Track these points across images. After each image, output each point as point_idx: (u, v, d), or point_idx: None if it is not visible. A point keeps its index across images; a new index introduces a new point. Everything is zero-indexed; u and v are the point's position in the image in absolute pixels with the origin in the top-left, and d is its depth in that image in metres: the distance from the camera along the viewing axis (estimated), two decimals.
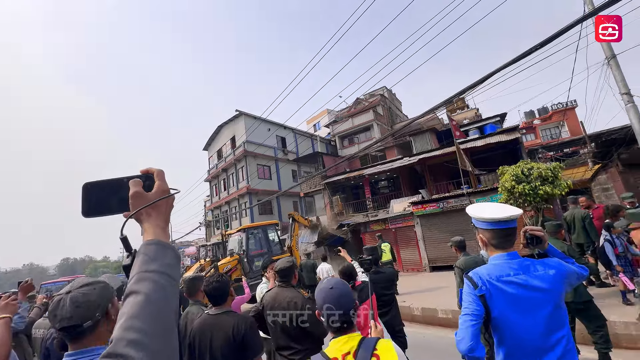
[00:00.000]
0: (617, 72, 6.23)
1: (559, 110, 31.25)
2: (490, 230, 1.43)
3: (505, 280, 1.34)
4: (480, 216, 1.44)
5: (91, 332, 1.01)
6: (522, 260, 1.40)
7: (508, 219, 1.38)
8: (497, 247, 1.43)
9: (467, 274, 1.45)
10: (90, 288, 1.06)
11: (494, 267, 1.40)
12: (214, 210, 27.81)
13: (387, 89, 28.72)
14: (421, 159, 13.97)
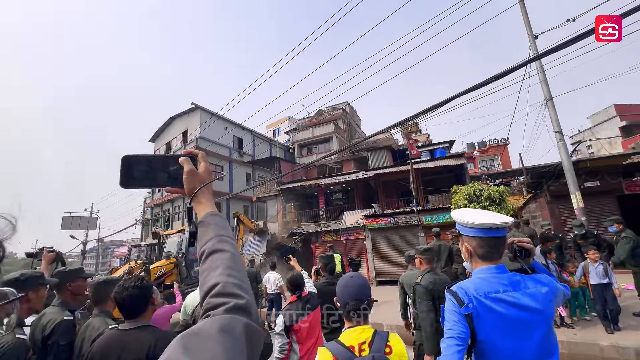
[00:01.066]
0: (552, 112, 7.00)
1: (495, 145, 35.32)
2: (479, 239, 1.24)
3: (494, 298, 1.15)
4: (468, 221, 1.24)
5: None
6: (511, 274, 1.22)
7: (500, 226, 1.21)
8: (484, 259, 1.25)
9: (450, 287, 1.24)
10: None
11: (481, 282, 1.20)
12: (154, 207, 25.33)
13: (349, 104, 29.53)
14: (376, 174, 14.33)
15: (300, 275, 2.73)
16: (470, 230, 1.26)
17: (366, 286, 1.51)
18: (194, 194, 0.70)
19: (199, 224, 0.67)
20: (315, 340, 2.49)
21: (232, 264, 0.58)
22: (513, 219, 1.28)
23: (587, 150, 29.75)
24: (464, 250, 1.31)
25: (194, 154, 0.76)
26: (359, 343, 1.35)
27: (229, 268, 0.57)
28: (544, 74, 7.09)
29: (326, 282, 2.96)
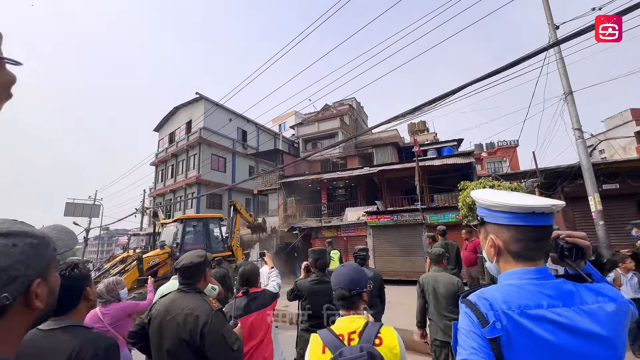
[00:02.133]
0: (572, 108, 6.51)
1: (504, 147, 34.57)
2: (514, 229, 0.85)
3: (535, 315, 0.75)
4: (500, 202, 0.85)
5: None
6: (559, 282, 0.81)
7: (547, 211, 0.82)
8: (520, 258, 0.86)
9: (466, 297, 0.86)
10: (6, 243, 0.57)
11: (514, 291, 0.81)
12: (156, 197, 25.26)
13: (356, 100, 29.02)
14: (380, 171, 13.93)
15: (254, 270, 2.44)
16: (502, 216, 0.86)
17: (358, 275, 1.47)
18: None
19: None
20: (258, 342, 2.21)
21: None
22: (563, 203, 0.87)
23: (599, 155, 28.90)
24: (488, 245, 0.92)
25: None
26: (348, 332, 1.33)
27: None
28: (564, 66, 6.60)
29: (315, 279, 2.61)
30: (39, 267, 0.62)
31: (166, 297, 1.85)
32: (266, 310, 2.34)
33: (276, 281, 2.74)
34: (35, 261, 0.62)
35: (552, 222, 0.85)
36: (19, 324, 0.60)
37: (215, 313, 1.70)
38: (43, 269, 0.64)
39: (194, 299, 1.76)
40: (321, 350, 1.30)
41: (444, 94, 6.20)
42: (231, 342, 1.69)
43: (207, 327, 1.63)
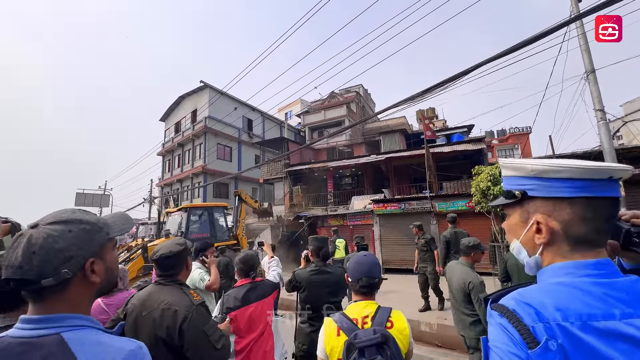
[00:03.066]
0: (594, 87, 6.07)
1: (516, 134, 33.53)
2: (582, 202, 0.60)
3: (606, 330, 0.51)
4: (565, 164, 0.60)
5: (57, 295, 0.68)
6: (633, 281, 0.57)
7: (625, 175, 0.59)
8: (581, 245, 0.61)
9: (498, 301, 0.60)
10: (63, 229, 0.69)
11: (571, 294, 0.56)
12: (164, 187, 25.46)
13: (363, 87, 28.35)
14: (388, 158, 13.61)
15: (255, 258, 2.25)
16: (565, 186, 0.60)
17: (378, 265, 1.56)
18: None
19: None
20: (257, 335, 2.07)
21: None
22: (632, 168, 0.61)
23: (617, 140, 27.77)
24: (531, 230, 0.65)
25: None
26: (362, 316, 1.39)
27: None
28: (586, 42, 6.12)
29: (314, 270, 2.41)
30: (92, 248, 0.73)
31: (143, 290, 1.67)
32: (266, 300, 2.19)
33: (276, 271, 2.58)
34: (87, 243, 0.72)
35: (620, 194, 0.63)
36: (82, 293, 0.73)
37: (196, 308, 1.52)
38: (97, 250, 0.74)
39: (172, 292, 1.58)
40: (336, 333, 1.37)
41: (456, 74, 5.84)
42: (214, 340, 1.51)
43: (186, 324, 1.45)
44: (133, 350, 0.69)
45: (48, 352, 0.62)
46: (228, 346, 1.67)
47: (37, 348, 0.62)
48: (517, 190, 0.66)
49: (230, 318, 2.05)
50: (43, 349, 0.62)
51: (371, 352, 1.22)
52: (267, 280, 2.30)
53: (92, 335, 0.68)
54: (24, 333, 0.64)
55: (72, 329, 0.67)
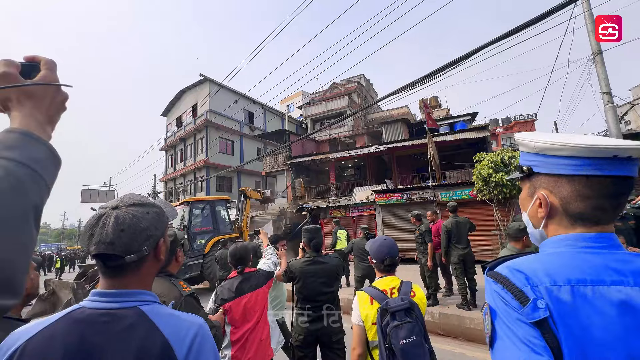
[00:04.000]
0: (601, 70, 5.88)
1: (522, 122, 32.99)
2: (582, 180, 0.60)
3: (592, 294, 0.53)
4: (566, 142, 0.59)
5: (133, 271, 0.73)
6: (633, 255, 0.57)
7: (635, 154, 0.56)
8: (580, 220, 0.62)
9: (495, 269, 0.62)
10: (142, 211, 0.75)
11: (564, 261, 0.58)
12: (167, 182, 25.61)
13: (365, 77, 27.96)
14: (390, 149, 13.49)
15: (245, 249, 2.22)
16: (566, 163, 0.60)
17: (396, 246, 1.84)
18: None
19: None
20: (253, 324, 2.06)
21: None
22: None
23: (624, 125, 27.17)
24: (535, 205, 0.67)
25: (37, 59, 0.55)
26: (390, 287, 1.67)
27: None
28: (592, 22, 5.90)
29: (308, 260, 2.38)
30: (162, 229, 0.80)
31: None
32: (260, 290, 2.17)
33: (271, 259, 2.55)
34: (160, 225, 0.79)
35: (636, 173, 0.59)
36: (151, 270, 0.79)
37: (185, 298, 1.50)
38: (164, 231, 0.81)
39: (161, 284, 1.56)
40: (369, 302, 1.63)
41: (459, 57, 5.70)
42: None
43: None
44: (202, 324, 0.73)
45: (132, 322, 0.66)
46: (220, 338, 1.65)
47: (120, 318, 0.66)
48: (526, 165, 0.68)
49: (225, 309, 2.04)
50: (126, 319, 0.66)
51: (401, 315, 1.50)
52: (261, 270, 2.28)
53: (164, 309, 0.73)
54: (103, 305, 0.67)
55: (147, 303, 0.71)
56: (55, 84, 0.55)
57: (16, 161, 0.45)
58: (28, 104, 0.51)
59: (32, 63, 0.55)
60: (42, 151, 0.50)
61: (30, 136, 0.49)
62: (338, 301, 2.44)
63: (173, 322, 0.69)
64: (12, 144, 0.46)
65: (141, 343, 0.63)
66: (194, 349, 0.67)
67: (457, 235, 5.18)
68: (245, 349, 2.05)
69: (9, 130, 0.48)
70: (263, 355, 2.10)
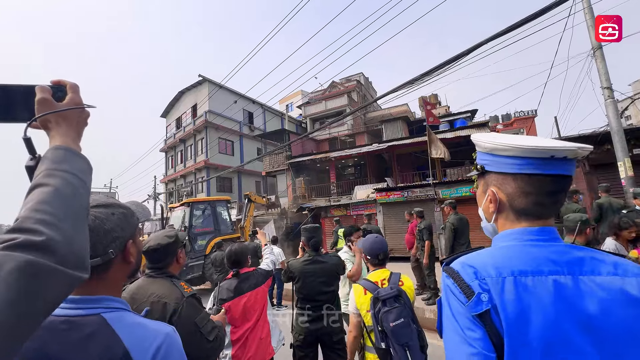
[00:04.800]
0: (601, 65, 5.85)
1: (521, 118, 32.91)
2: (523, 178, 0.67)
3: (532, 283, 0.59)
4: (510, 143, 0.66)
5: (99, 275, 0.70)
6: (568, 246, 0.65)
7: (570, 155, 0.63)
8: (525, 215, 0.69)
9: (450, 264, 0.68)
10: (107, 212, 0.74)
11: (510, 255, 0.65)
12: (168, 183, 25.63)
13: (364, 76, 27.90)
14: (390, 147, 13.45)
15: (241, 250, 2.23)
16: (510, 163, 0.67)
17: (386, 242, 2.08)
18: (30, 122, 0.59)
19: (41, 159, 0.56)
20: (252, 324, 2.06)
21: (49, 199, 0.49)
22: (591, 147, 0.69)
23: (625, 120, 27.07)
24: (487, 200, 0.73)
25: (62, 83, 0.64)
26: (381, 279, 1.86)
27: (42, 203, 0.48)
28: (592, 17, 5.86)
29: (307, 260, 2.37)
30: (130, 231, 0.78)
31: (133, 284, 1.64)
32: (259, 289, 2.17)
33: (270, 258, 2.54)
34: (127, 226, 0.77)
35: (573, 172, 0.67)
36: (120, 275, 0.77)
37: (186, 300, 1.48)
38: (132, 233, 0.78)
39: (162, 285, 1.55)
40: (363, 292, 1.84)
41: (459, 54, 5.69)
42: (206, 332, 1.48)
43: (176, 316, 1.42)
44: (169, 333, 0.70)
45: (92, 331, 0.63)
46: (222, 337, 1.64)
47: (79, 327, 0.63)
48: (480, 164, 0.75)
49: (224, 309, 2.03)
50: (86, 328, 0.63)
51: (391, 302, 1.69)
52: (260, 269, 2.27)
53: (130, 317, 0.70)
54: (65, 312, 0.65)
55: (111, 310, 0.68)
56: (83, 106, 0.65)
57: (69, 172, 0.55)
58: (64, 124, 0.61)
59: (59, 86, 0.64)
60: (83, 162, 0.59)
61: (72, 151, 0.58)
62: (338, 301, 2.43)
63: (137, 332, 0.67)
64: (62, 159, 0.56)
65: (100, 354, 0.61)
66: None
67: (462, 233, 5.15)
68: (246, 347, 2.04)
69: (56, 148, 0.57)
70: (264, 353, 2.10)
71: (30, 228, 0.44)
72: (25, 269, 0.41)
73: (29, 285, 0.41)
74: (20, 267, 0.41)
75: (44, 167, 0.54)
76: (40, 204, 0.48)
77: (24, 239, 0.43)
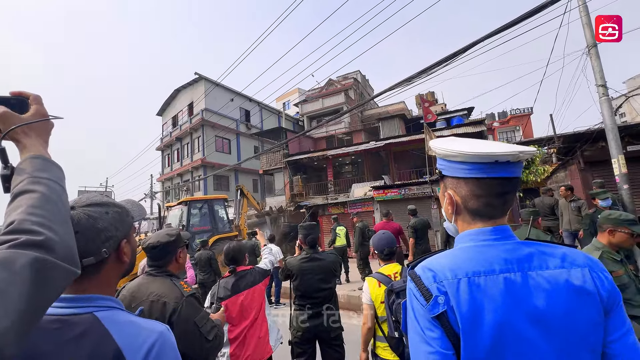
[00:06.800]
0: (595, 62, 5.89)
1: (517, 115, 33.08)
2: (473, 182, 0.71)
3: (485, 284, 0.63)
4: (456, 150, 0.71)
5: (92, 274, 0.70)
6: (519, 243, 0.69)
7: (512, 159, 0.67)
8: (479, 216, 0.73)
9: (413, 269, 0.72)
10: (100, 211, 0.73)
11: (466, 256, 0.69)
12: (164, 182, 25.48)
13: (361, 73, 27.86)
14: (387, 144, 13.49)
15: (238, 248, 2.24)
16: (460, 168, 0.72)
17: (393, 238, 2.16)
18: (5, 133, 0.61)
19: (16, 169, 0.59)
20: (250, 322, 2.07)
21: (40, 204, 0.53)
22: (534, 150, 0.76)
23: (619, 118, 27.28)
24: (446, 202, 0.79)
25: (24, 95, 0.66)
26: (393, 273, 1.97)
27: (33, 207, 0.52)
28: (587, 14, 5.89)
29: (304, 257, 2.38)
30: (124, 230, 0.77)
31: (133, 282, 1.64)
32: (257, 287, 2.18)
33: (268, 258, 2.55)
34: (121, 225, 0.76)
35: (519, 174, 0.71)
36: (113, 274, 0.76)
37: (186, 299, 1.48)
38: (127, 232, 0.78)
39: (162, 284, 1.54)
40: (377, 285, 1.94)
41: (455, 52, 5.70)
42: (205, 332, 1.48)
43: (175, 315, 1.41)
44: (163, 331, 0.70)
45: (84, 330, 0.63)
46: (222, 336, 1.64)
47: (71, 325, 0.63)
48: (439, 169, 0.79)
49: (223, 307, 2.04)
50: (78, 326, 0.63)
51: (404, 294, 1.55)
52: (258, 268, 2.28)
53: (123, 316, 0.70)
54: (56, 311, 0.65)
55: (104, 309, 0.68)
56: (51, 118, 0.68)
57: (52, 180, 0.58)
58: (32, 134, 0.63)
59: (21, 98, 0.66)
60: (59, 170, 0.63)
61: (48, 160, 0.61)
62: (336, 298, 2.45)
63: (130, 330, 0.66)
64: (42, 167, 0.59)
65: (92, 352, 0.61)
66: (151, 358, 0.64)
67: None
68: (244, 346, 2.05)
69: (33, 157, 0.60)
70: (262, 352, 2.11)
71: (29, 229, 0.48)
72: (34, 264, 0.45)
73: (39, 278, 0.45)
74: (32, 262, 0.45)
75: (26, 175, 0.56)
76: (33, 208, 0.51)
77: (26, 239, 0.47)
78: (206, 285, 5.57)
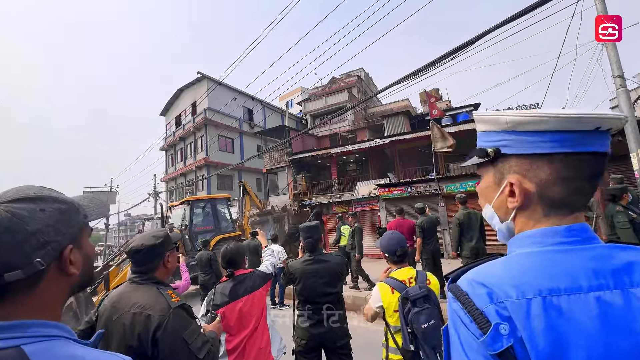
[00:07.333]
0: (612, 53, 5.61)
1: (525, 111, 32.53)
2: (559, 159, 0.50)
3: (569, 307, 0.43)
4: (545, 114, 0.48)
5: (22, 293, 0.53)
6: (609, 247, 0.48)
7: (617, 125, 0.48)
8: (556, 208, 0.52)
9: (455, 283, 0.52)
10: (32, 208, 0.55)
11: (534, 266, 0.48)
12: (168, 182, 25.51)
13: (364, 71, 27.58)
14: (392, 142, 13.25)
15: (237, 249, 2.06)
16: (542, 140, 0.50)
17: (404, 239, 2.01)
18: None
19: None
20: (250, 331, 1.88)
21: None
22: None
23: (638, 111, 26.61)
24: (503, 194, 0.56)
25: None
26: (408, 278, 1.83)
27: None
28: (602, 3, 5.63)
29: (308, 260, 2.20)
30: (70, 233, 0.60)
31: (116, 290, 1.47)
32: (257, 293, 1.99)
33: (270, 260, 2.37)
34: (65, 227, 0.59)
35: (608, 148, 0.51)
36: (54, 292, 0.58)
37: (173, 311, 1.29)
38: (75, 236, 0.61)
39: (146, 293, 1.36)
40: (390, 291, 1.78)
41: (460, 45, 5.48)
42: (195, 348, 1.29)
43: (161, 331, 1.23)
44: None
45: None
46: (215, 353, 1.46)
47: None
48: (491, 147, 0.56)
49: (219, 316, 1.86)
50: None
51: (420, 302, 1.63)
52: (258, 271, 2.10)
53: (63, 348, 0.53)
54: None
55: (38, 340, 0.51)
56: None
57: None
58: None
59: None
60: None
61: None
62: (343, 303, 2.26)
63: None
64: None
65: None
66: None
67: (469, 228, 4.96)
68: (244, 357, 1.87)
69: None
70: None
71: None
72: None
73: None
74: None
75: None
76: None
77: None
78: (207, 286, 5.45)
